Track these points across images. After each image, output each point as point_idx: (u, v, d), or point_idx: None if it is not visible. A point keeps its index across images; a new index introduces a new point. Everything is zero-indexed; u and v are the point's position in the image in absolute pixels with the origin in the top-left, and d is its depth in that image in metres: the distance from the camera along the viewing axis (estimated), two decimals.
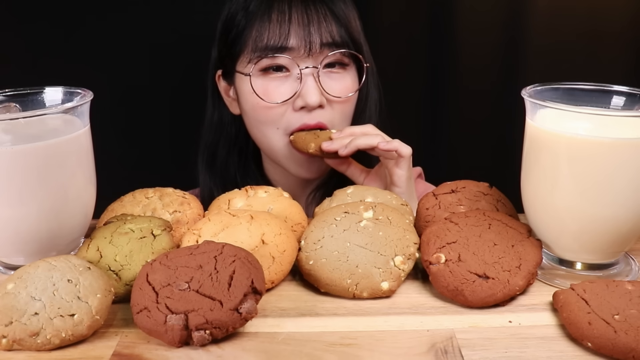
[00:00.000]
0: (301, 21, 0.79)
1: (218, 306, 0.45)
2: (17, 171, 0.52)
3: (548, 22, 1.15)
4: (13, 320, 0.45)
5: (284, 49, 0.79)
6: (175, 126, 1.17)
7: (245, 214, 0.57)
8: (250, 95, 0.82)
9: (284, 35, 0.78)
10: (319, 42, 0.79)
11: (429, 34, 1.17)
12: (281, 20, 0.79)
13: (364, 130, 0.79)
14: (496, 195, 0.63)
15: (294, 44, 0.78)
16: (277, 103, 0.80)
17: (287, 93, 0.80)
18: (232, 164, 0.93)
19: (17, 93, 0.59)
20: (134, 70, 1.11)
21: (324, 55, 0.80)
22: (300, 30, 0.78)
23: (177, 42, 1.11)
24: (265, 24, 0.79)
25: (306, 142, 0.79)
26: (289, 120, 0.81)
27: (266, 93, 0.80)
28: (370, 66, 0.87)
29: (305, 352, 0.45)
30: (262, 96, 0.80)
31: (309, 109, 0.80)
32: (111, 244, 0.54)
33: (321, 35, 0.79)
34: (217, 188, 0.91)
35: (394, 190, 0.78)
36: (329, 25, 0.80)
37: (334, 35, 0.80)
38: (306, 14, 0.79)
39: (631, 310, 0.45)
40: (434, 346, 0.45)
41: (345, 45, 0.81)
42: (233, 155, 0.93)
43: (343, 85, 0.82)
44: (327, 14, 0.80)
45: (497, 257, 0.52)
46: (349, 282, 0.52)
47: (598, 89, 0.57)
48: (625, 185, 0.50)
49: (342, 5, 0.82)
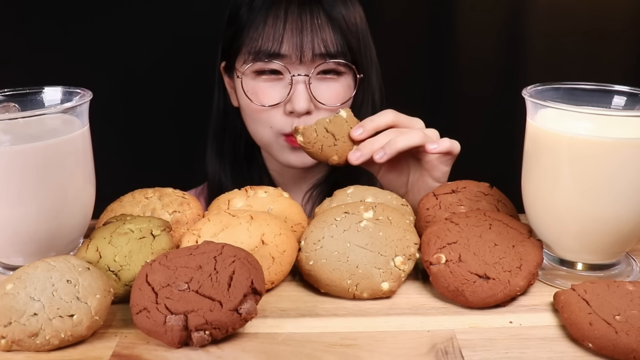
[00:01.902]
0: (295, 28, 0.79)
1: (218, 307, 0.45)
2: (16, 171, 0.52)
3: (549, 21, 1.15)
4: (12, 320, 0.45)
5: (276, 56, 0.79)
6: (175, 126, 1.17)
7: (245, 214, 0.56)
8: (242, 95, 0.83)
9: (277, 42, 0.79)
10: (311, 52, 0.79)
11: (429, 33, 1.17)
12: (276, 26, 0.79)
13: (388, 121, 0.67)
14: (497, 195, 0.62)
15: (286, 51, 0.79)
16: (266, 106, 0.81)
17: (277, 97, 0.81)
18: (239, 153, 0.94)
19: (16, 93, 0.59)
20: (133, 70, 1.11)
21: (316, 63, 0.80)
22: (293, 38, 0.78)
23: (177, 42, 1.11)
24: (261, 27, 0.80)
25: (326, 153, 0.66)
26: (280, 123, 0.82)
27: (257, 95, 0.82)
28: (374, 67, 0.86)
29: (305, 352, 0.45)
30: (252, 98, 0.82)
31: (297, 114, 0.81)
32: (110, 244, 0.54)
33: (314, 44, 0.79)
34: (226, 177, 0.93)
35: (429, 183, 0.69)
36: (324, 33, 0.79)
37: (328, 45, 0.79)
38: (300, 20, 0.79)
39: (632, 310, 0.45)
40: (434, 347, 0.45)
41: (340, 54, 0.80)
42: (239, 144, 0.94)
43: (334, 93, 0.82)
44: (323, 20, 0.79)
45: (498, 258, 0.52)
46: (349, 283, 0.52)
47: (599, 89, 0.56)
48: (626, 186, 0.50)
49: (342, 10, 0.81)
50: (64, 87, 0.60)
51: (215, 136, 0.94)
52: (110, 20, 1.10)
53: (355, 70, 0.83)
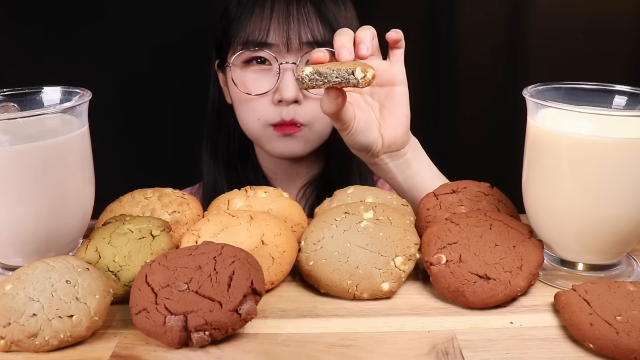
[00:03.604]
0: (282, 18, 0.81)
1: (217, 307, 0.44)
2: (15, 171, 0.52)
3: (549, 21, 1.15)
4: (11, 321, 0.45)
5: (264, 45, 0.81)
6: (174, 126, 1.17)
7: (245, 215, 0.56)
8: (232, 86, 0.85)
9: (264, 31, 0.81)
10: (297, 40, 0.80)
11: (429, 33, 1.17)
12: (263, 16, 0.81)
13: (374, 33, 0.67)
14: (497, 195, 0.62)
15: (273, 40, 0.81)
16: (255, 95, 0.83)
17: (265, 86, 0.82)
18: (233, 152, 0.95)
19: (15, 92, 0.59)
20: (132, 70, 1.11)
21: (304, 52, 0.81)
22: (280, 27, 0.80)
23: (176, 41, 1.11)
24: (248, 18, 0.82)
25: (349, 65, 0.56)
26: (268, 113, 0.83)
27: (245, 84, 0.83)
28: None
29: (305, 353, 0.45)
30: (240, 87, 0.83)
31: (285, 103, 0.82)
32: (110, 244, 0.54)
33: (300, 32, 0.80)
34: (220, 176, 0.94)
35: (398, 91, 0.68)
36: (311, 23, 0.81)
37: (315, 34, 0.81)
38: (287, 10, 0.81)
39: (633, 311, 0.45)
40: (434, 347, 0.45)
41: (327, 44, 0.81)
42: (233, 144, 0.95)
43: None
44: (310, 11, 0.81)
45: (499, 258, 0.51)
46: (349, 283, 0.52)
47: (600, 89, 0.56)
48: (627, 186, 0.49)
49: (331, 5, 0.83)
50: (63, 87, 0.59)
51: (209, 135, 0.95)
52: (110, 20, 1.10)
53: None
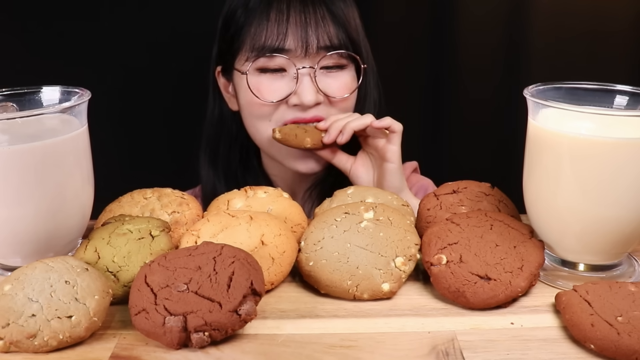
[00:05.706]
0: (299, 22, 0.79)
1: (217, 308, 0.44)
2: (14, 171, 0.52)
3: (550, 21, 1.15)
4: (10, 322, 0.44)
5: (281, 50, 0.79)
6: (174, 126, 1.17)
7: (245, 215, 0.56)
8: (246, 92, 0.83)
9: (281, 36, 0.79)
10: (315, 44, 0.79)
11: (430, 33, 1.17)
12: (279, 21, 0.79)
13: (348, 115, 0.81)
14: (498, 195, 0.62)
15: (291, 45, 0.79)
16: (272, 102, 0.81)
17: (283, 92, 0.81)
18: (234, 160, 0.93)
19: (14, 92, 0.59)
20: (132, 69, 1.11)
21: (320, 56, 0.80)
22: (297, 32, 0.79)
23: (176, 41, 1.11)
24: (263, 23, 0.80)
25: (300, 138, 0.79)
26: (282, 115, 0.82)
27: (262, 91, 0.81)
28: (370, 66, 0.86)
29: (305, 354, 0.45)
30: (257, 94, 0.81)
31: (304, 107, 0.81)
32: (109, 245, 0.53)
33: (318, 36, 0.79)
34: (219, 183, 0.92)
35: (388, 167, 0.79)
36: (327, 26, 0.80)
37: (332, 37, 0.80)
38: (304, 14, 0.79)
39: (634, 311, 0.45)
40: (435, 348, 0.45)
41: (343, 46, 0.81)
42: (234, 151, 0.93)
43: (341, 84, 0.82)
44: (325, 14, 0.80)
45: (499, 258, 0.51)
46: (350, 284, 0.51)
47: (601, 89, 0.56)
48: (628, 186, 0.49)
49: (341, 5, 0.82)
50: (62, 87, 0.59)
51: (209, 143, 0.94)
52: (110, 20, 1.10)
53: (359, 60, 0.83)
